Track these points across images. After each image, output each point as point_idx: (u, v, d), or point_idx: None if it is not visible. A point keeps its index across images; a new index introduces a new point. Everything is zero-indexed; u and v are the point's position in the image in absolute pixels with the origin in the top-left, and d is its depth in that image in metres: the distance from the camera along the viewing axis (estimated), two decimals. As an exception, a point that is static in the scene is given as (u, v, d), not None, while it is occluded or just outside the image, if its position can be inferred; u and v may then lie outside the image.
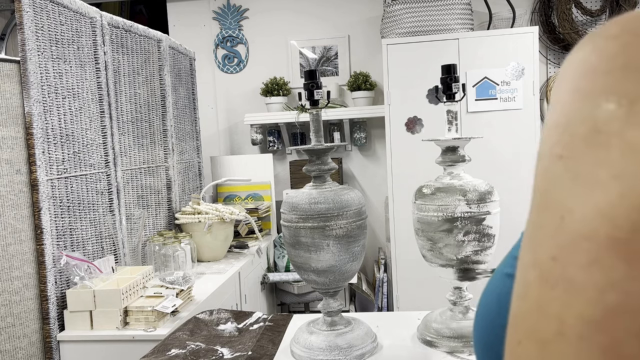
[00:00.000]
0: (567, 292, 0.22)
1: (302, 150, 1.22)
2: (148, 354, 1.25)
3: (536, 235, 0.25)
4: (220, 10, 3.71)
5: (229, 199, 3.28)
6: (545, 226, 0.24)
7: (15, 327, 1.60)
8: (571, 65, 0.26)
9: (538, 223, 0.25)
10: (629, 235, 0.20)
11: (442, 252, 1.19)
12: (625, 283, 0.20)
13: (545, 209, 0.25)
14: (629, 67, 0.23)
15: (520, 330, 0.24)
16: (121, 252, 2.06)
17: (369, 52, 3.59)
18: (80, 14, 1.90)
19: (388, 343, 1.26)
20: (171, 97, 2.64)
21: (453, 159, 1.24)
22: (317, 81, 1.20)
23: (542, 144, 0.27)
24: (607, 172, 0.22)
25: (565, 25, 3.33)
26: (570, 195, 0.23)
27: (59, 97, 1.77)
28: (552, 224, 0.24)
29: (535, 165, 0.27)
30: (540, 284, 0.23)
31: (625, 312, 0.20)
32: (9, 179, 1.61)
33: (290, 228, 1.19)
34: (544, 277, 0.23)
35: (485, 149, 2.77)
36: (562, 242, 0.23)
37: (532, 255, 0.25)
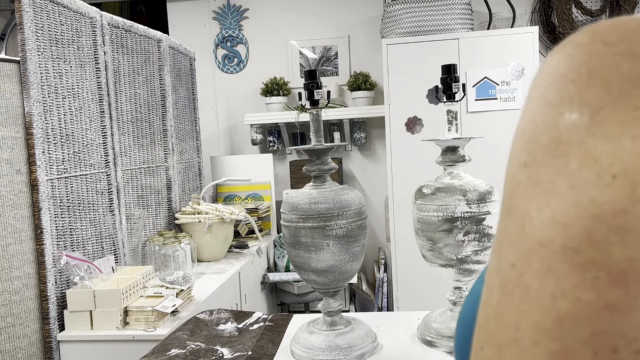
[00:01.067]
0: (523, 298, 0.22)
1: (302, 150, 1.22)
2: (148, 354, 1.25)
3: (501, 241, 0.25)
4: (220, 10, 3.71)
5: (229, 199, 3.28)
6: (508, 232, 0.24)
7: (15, 327, 1.60)
8: (543, 71, 0.26)
9: (503, 229, 0.25)
10: (581, 244, 0.21)
11: (442, 252, 1.19)
12: (576, 291, 0.21)
13: (509, 215, 0.25)
14: (594, 76, 0.23)
15: (482, 335, 0.24)
16: (121, 252, 2.06)
17: (369, 52, 3.59)
18: (80, 14, 1.90)
19: (388, 343, 1.26)
20: (171, 97, 2.64)
21: (453, 159, 1.24)
22: (317, 81, 1.20)
23: (511, 149, 0.27)
24: (564, 182, 0.22)
25: (565, 25, 3.33)
26: (531, 203, 0.23)
27: (59, 97, 1.77)
28: (513, 231, 0.24)
29: (505, 171, 0.28)
30: (500, 290, 0.24)
31: (576, 319, 0.20)
32: (9, 179, 1.61)
33: (290, 228, 1.19)
34: (504, 283, 0.24)
35: (485, 149, 2.77)
36: (521, 249, 0.23)
37: (496, 261, 0.25)
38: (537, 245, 0.22)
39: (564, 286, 0.21)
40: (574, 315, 0.20)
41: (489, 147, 2.81)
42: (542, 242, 0.22)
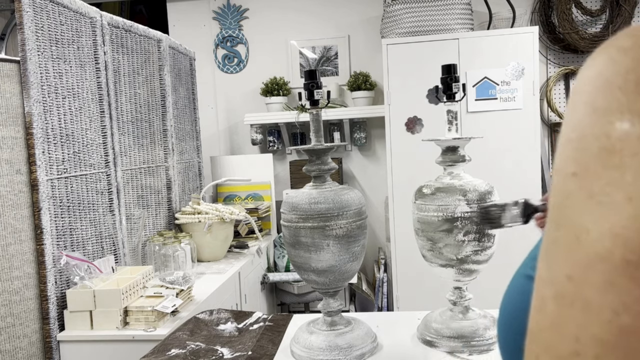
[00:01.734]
0: (583, 312, 0.22)
1: (302, 150, 1.22)
2: (148, 354, 1.25)
3: (552, 251, 0.25)
4: (220, 10, 3.71)
5: (229, 199, 3.28)
6: (560, 243, 0.24)
7: (15, 327, 1.60)
8: (585, 76, 0.26)
9: (554, 239, 0.25)
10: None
11: (442, 252, 1.19)
12: (638, 305, 0.21)
13: (560, 226, 0.25)
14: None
15: (538, 344, 0.25)
16: (121, 252, 2.06)
17: (369, 52, 3.59)
18: (80, 14, 1.90)
19: (388, 343, 1.26)
20: (171, 97, 2.64)
21: (453, 159, 1.24)
22: (317, 81, 1.20)
23: (557, 158, 0.27)
24: (621, 194, 0.22)
25: (565, 25, 3.33)
26: (585, 214, 0.23)
27: (59, 97, 1.77)
28: (567, 242, 0.24)
29: (552, 180, 0.28)
30: (556, 301, 0.24)
31: (639, 334, 0.20)
32: (9, 179, 1.61)
33: (290, 228, 1.19)
34: (560, 294, 0.24)
35: (485, 149, 2.77)
36: (578, 261, 0.23)
37: (548, 271, 0.25)
38: (596, 258, 0.22)
39: (626, 301, 0.21)
40: (636, 329, 0.20)
41: (489, 147, 2.81)
42: (600, 255, 0.22)
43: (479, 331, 1.20)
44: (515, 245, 2.86)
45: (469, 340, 1.19)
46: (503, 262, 2.83)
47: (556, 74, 3.46)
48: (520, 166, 2.87)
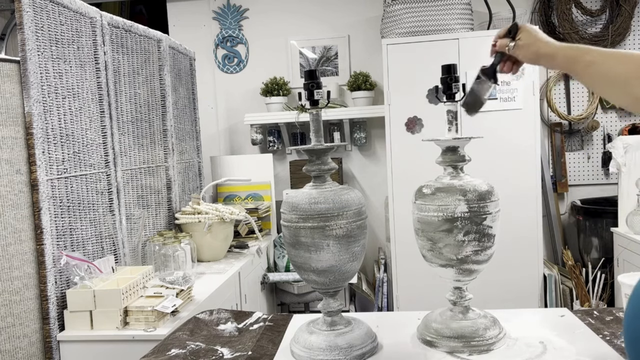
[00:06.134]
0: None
1: (302, 150, 1.22)
2: (148, 354, 1.25)
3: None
4: (220, 10, 3.71)
5: (229, 199, 3.28)
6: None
7: (15, 327, 1.60)
8: None
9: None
10: None
11: (442, 252, 1.19)
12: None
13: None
14: None
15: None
16: (121, 252, 2.06)
17: (369, 52, 3.59)
18: (80, 14, 1.90)
19: (388, 343, 1.26)
20: (171, 97, 2.64)
21: (453, 159, 1.24)
22: (317, 81, 1.20)
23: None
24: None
25: (565, 25, 3.33)
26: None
27: (59, 97, 1.77)
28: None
29: None
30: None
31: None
32: (9, 179, 1.61)
33: (290, 228, 1.19)
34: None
35: (485, 149, 2.77)
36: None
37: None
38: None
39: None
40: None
41: (489, 147, 2.81)
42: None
43: (479, 331, 1.20)
44: (516, 245, 2.87)
45: (469, 340, 1.19)
46: (503, 262, 2.83)
47: (556, 74, 3.46)
48: (520, 166, 2.87)
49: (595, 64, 0.94)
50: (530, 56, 1.09)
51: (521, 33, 1.11)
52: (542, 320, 1.35)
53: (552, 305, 2.90)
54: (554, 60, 1.03)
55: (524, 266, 2.89)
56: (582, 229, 3.35)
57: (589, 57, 0.96)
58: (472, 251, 1.18)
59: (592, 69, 0.95)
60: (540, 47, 1.06)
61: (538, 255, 2.90)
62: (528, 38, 1.09)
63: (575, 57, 0.99)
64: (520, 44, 1.11)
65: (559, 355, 1.15)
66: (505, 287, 2.86)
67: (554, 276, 2.92)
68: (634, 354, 0.60)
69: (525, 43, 1.10)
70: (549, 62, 1.05)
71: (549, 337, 1.24)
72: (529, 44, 1.09)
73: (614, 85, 0.90)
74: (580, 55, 0.98)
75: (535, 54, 1.08)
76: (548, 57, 1.05)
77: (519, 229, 2.86)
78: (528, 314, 1.41)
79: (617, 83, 0.89)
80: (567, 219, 3.58)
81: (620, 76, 0.88)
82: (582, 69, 0.97)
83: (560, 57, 1.02)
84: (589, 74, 0.96)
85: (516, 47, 1.11)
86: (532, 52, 1.08)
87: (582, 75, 0.99)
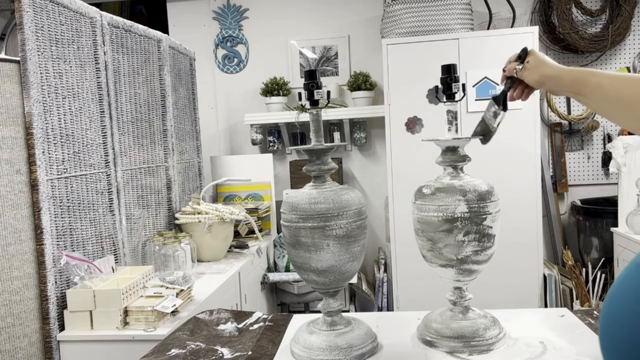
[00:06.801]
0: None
1: (302, 150, 1.22)
2: (148, 354, 1.25)
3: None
4: (220, 10, 3.71)
5: (229, 199, 3.28)
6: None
7: (15, 327, 1.60)
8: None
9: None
10: None
11: (442, 252, 1.19)
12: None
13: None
14: None
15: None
16: (121, 252, 2.06)
17: (369, 52, 3.59)
18: (80, 14, 1.90)
19: (388, 343, 1.26)
20: (171, 97, 2.64)
21: (453, 159, 1.24)
22: (317, 81, 1.20)
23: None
24: None
25: (565, 25, 3.33)
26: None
27: (59, 97, 1.77)
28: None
29: None
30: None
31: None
32: (9, 179, 1.61)
33: (290, 228, 1.19)
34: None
35: (486, 149, 2.76)
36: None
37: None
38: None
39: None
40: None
41: (489, 147, 2.80)
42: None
43: (479, 331, 1.20)
44: (516, 245, 2.87)
45: (469, 340, 1.19)
46: (503, 262, 2.83)
47: (556, 74, 3.45)
48: (520, 166, 2.87)
49: (603, 86, 0.93)
50: (538, 78, 1.10)
51: (529, 57, 1.13)
52: (542, 320, 1.35)
53: (552, 305, 2.90)
54: (560, 82, 1.04)
55: (524, 266, 2.89)
56: (582, 229, 3.35)
57: (595, 79, 0.96)
58: (472, 251, 1.18)
59: (599, 92, 0.94)
60: (547, 69, 1.08)
61: (538, 255, 2.90)
62: (536, 61, 1.11)
63: (582, 80, 0.99)
64: (528, 67, 1.12)
65: (559, 355, 1.15)
66: (506, 287, 2.86)
67: (554, 276, 2.92)
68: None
69: (532, 65, 1.11)
70: (556, 84, 1.06)
71: (549, 337, 1.24)
72: (537, 66, 1.10)
73: (623, 108, 0.89)
74: (587, 77, 0.98)
75: (542, 76, 1.09)
76: (555, 79, 1.05)
77: (519, 229, 2.86)
78: (528, 314, 1.41)
79: (626, 106, 0.88)
80: (567, 219, 3.58)
81: (629, 98, 0.87)
82: (589, 91, 0.97)
83: (567, 79, 1.02)
84: (597, 96, 0.96)
85: (524, 69, 1.13)
86: (539, 74, 1.09)
87: (589, 97, 0.98)
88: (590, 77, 0.97)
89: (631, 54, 3.44)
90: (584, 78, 0.98)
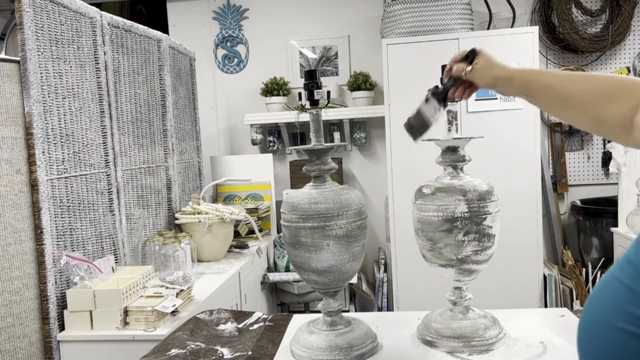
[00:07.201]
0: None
1: (302, 150, 1.22)
2: (148, 354, 1.25)
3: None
4: (220, 10, 3.71)
5: (229, 199, 3.28)
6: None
7: (15, 327, 1.60)
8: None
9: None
10: None
11: (442, 252, 1.19)
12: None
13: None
14: None
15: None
16: (121, 252, 2.06)
17: (369, 52, 3.59)
18: (80, 14, 1.90)
19: (388, 343, 1.26)
20: (171, 97, 2.64)
21: (453, 159, 1.24)
22: (317, 81, 1.20)
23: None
24: None
25: (565, 25, 3.33)
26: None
27: (59, 97, 1.77)
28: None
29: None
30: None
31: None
32: (9, 179, 1.61)
33: (290, 228, 1.19)
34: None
35: (485, 149, 2.77)
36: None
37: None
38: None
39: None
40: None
41: (489, 147, 2.81)
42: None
43: (479, 331, 1.20)
44: (516, 245, 2.87)
45: (469, 340, 1.19)
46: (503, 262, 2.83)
47: (556, 74, 3.45)
48: (520, 166, 2.87)
49: (552, 86, 0.92)
50: (488, 80, 1.08)
51: (478, 58, 1.11)
52: (542, 320, 1.35)
53: (552, 305, 2.90)
54: (511, 82, 1.01)
55: (524, 266, 2.89)
56: (582, 229, 3.35)
57: (545, 79, 0.94)
58: (472, 251, 1.18)
59: (550, 92, 0.93)
60: (497, 70, 1.05)
61: (538, 255, 2.90)
62: (485, 62, 1.09)
63: (532, 80, 0.97)
64: (477, 68, 1.10)
65: (559, 355, 1.15)
66: (506, 287, 2.86)
67: (554, 276, 2.92)
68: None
69: (482, 66, 1.09)
70: (506, 84, 1.03)
71: (549, 337, 1.24)
72: (487, 67, 1.08)
73: (574, 108, 0.87)
74: (537, 77, 0.96)
75: (492, 78, 1.06)
76: (505, 79, 1.03)
77: (519, 229, 2.86)
78: (528, 314, 1.41)
79: (577, 105, 0.86)
80: (567, 219, 3.58)
81: (581, 98, 0.86)
82: (539, 91, 0.95)
83: (517, 79, 1.00)
84: (547, 97, 0.94)
85: (473, 71, 1.11)
86: (489, 75, 1.07)
87: (539, 98, 0.96)
88: (539, 77, 0.96)
89: (631, 54, 3.44)
90: (534, 79, 0.97)
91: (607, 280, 0.63)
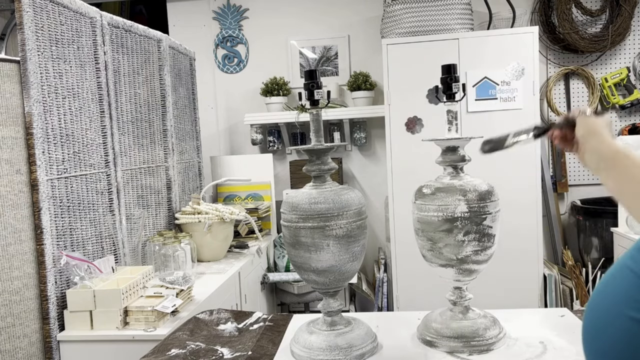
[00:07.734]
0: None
1: (302, 150, 1.22)
2: (148, 354, 1.25)
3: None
4: (220, 10, 3.71)
5: (229, 199, 3.28)
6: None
7: (15, 327, 1.60)
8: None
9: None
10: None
11: (442, 252, 1.19)
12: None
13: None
14: None
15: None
16: (121, 252, 2.06)
17: (369, 52, 3.59)
18: (80, 14, 1.90)
19: (388, 343, 1.26)
20: (171, 97, 2.64)
21: (453, 159, 1.24)
22: (317, 81, 1.20)
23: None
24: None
25: (565, 25, 3.33)
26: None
27: (59, 97, 1.77)
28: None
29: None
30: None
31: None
32: (9, 179, 1.61)
33: (290, 228, 1.19)
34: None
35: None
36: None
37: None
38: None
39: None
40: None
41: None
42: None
43: (479, 331, 1.20)
44: (516, 245, 2.87)
45: (469, 340, 1.19)
46: (503, 262, 2.83)
47: (556, 74, 3.46)
48: (520, 166, 2.87)
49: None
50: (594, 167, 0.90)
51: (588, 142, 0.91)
52: (542, 320, 1.35)
53: (552, 305, 2.90)
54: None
55: (524, 266, 2.89)
56: (582, 229, 3.35)
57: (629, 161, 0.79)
58: (472, 251, 1.18)
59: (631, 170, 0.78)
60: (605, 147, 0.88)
61: (538, 255, 2.90)
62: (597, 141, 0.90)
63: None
64: (588, 147, 0.92)
65: (559, 355, 1.15)
66: (505, 287, 2.86)
67: (554, 276, 2.92)
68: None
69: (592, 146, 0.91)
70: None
71: (549, 337, 1.24)
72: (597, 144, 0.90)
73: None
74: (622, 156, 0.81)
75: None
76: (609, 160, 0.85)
77: (519, 229, 2.86)
78: (528, 314, 1.42)
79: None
80: (567, 219, 3.57)
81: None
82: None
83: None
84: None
85: (583, 151, 0.93)
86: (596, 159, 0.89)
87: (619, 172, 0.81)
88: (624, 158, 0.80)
89: (631, 54, 3.44)
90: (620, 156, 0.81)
91: (617, 269, 0.63)
